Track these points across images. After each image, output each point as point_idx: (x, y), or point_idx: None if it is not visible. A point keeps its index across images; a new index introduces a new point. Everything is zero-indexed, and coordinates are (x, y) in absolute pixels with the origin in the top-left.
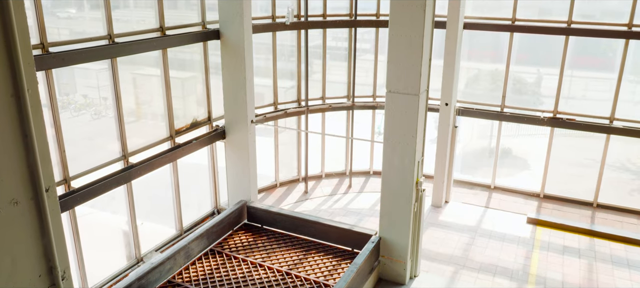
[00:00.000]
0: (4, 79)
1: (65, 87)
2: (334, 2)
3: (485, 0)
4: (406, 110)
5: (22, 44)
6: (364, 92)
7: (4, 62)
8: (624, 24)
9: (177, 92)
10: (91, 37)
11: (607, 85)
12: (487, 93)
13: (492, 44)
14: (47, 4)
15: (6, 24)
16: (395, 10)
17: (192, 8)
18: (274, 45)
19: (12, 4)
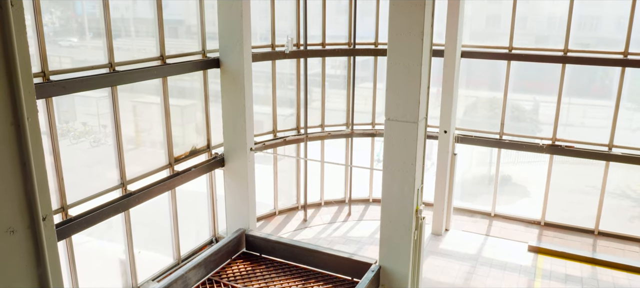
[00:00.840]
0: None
1: (65, 115)
2: (333, 31)
3: (482, 28)
4: (405, 137)
5: (23, 72)
6: (363, 120)
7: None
8: (619, 52)
9: (176, 120)
10: (92, 65)
11: (604, 112)
12: (486, 120)
13: (489, 72)
14: (49, 33)
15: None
16: (394, 39)
17: (192, 37)
18: (273, 73)
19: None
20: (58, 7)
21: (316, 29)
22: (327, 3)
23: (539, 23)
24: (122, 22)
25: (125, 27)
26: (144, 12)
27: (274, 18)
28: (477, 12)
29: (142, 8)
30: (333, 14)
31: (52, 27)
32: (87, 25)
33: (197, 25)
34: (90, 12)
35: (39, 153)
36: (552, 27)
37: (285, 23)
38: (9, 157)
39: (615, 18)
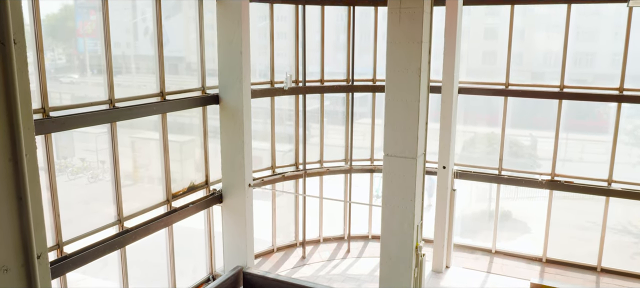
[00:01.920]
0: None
1: (63, 151)
2: (331, 67)
3: (479, 65)
4: (404, 173)
5: (23, 109)
6: (361, 156)
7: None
8: (615, 87)
9: (175, 156)
10: (92, 101)
11: (603, 147)
12: (484, 156)
13: (487, 108)
14: (51, 69)
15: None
16: (392, 75)
17: (192, 73)
18: (272, 109)
19: (17, 70)
20: (60, 45)
21: (315, 66)
22: (326, 40)
23: (534, 59)
24: (123, 59)
25: (126, 64)
26: (145, 49)
27: (273, 55)
28: (473, 49)
29: (143, 45)
30: (331, 50)
31: (53, 64)
32: (89, 62)
33: (197, 62)
34: (92, 49)
35: (36, 190)
36: (548, 64)
37: (284, 60)
38: (5, 194)
39: (610, 54)
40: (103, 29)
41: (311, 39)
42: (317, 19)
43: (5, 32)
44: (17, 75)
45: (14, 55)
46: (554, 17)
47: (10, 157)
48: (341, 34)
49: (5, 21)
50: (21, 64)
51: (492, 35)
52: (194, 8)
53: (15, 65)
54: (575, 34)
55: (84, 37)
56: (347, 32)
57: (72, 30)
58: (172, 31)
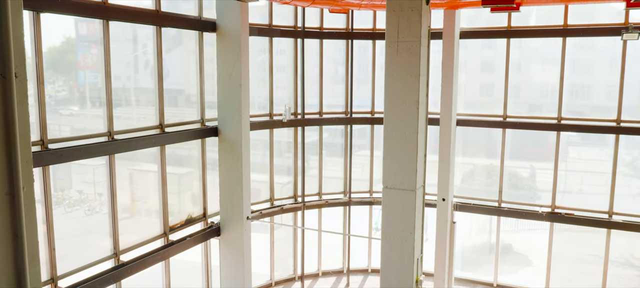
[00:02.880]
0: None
1: (61, 183)
2: (330, 99)
3: (476, 97)
4: (403, 206)
5: (22, 143)
6: (360, 188)
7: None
8: (612, 119)
9: (173, 188)
10: (91, 134)
11: (602, 179)
12: (484, 188)
13: (485, 140)
14: (50, 102)
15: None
16: (390, 107)
17: (192, 106)
18: (271, 141)
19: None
20: (61, 77)
21: (314, 98)
22: (324, 72)
23: (532, 91)
24: (123, 92)
25: (126, 96)
26: (145, 82)
27: (272, 87)
28: (470, 82)
29: (143, 78)
30: (330, 83)
31: (54, 96)
32: (89, 94)
33: (197, 94)
34: (92, 81)
35: (32, 224)
36: (545, 96)
37: (283, 92)
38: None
39: (606, 86)
40: (104, 62)
41: (310, 71)
42: (315, 52)
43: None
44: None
45: (15, 88)
46: (550, 50)
47: (7, 190)
48: (340, 66)
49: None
50: (21, 97)
51: (489, 68)
52: (194, 41)
53: (16, 98)
54: (571, 66)
55: (85, 70)
56: (345, 64)
57: (73, 63)
58: (172, 64)
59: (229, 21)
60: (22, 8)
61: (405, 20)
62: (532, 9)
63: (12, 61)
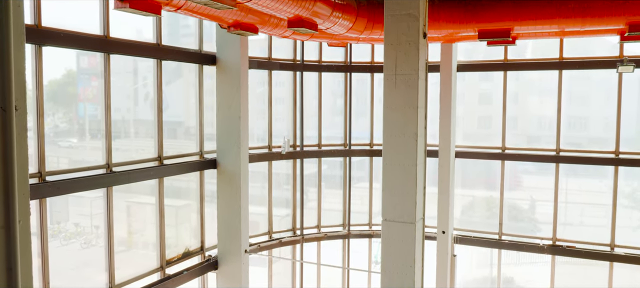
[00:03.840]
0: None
1: (57, 215)
2: (329, 131)
3: (475, 130)
4: (403, 238)
5: (20, 175)
6: (359, 220)
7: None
8: (610, 151)
9: (170, 221)
10: (89, 166)
11: (602, 210)
12: (484, 220)
13: (484, 172)
14: (49, 133)
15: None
16: (388, 139)
17: (191, 138)
18: (269, 174)
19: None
20: (61, 109)
21: (312, 130)
22: (323, 104)
23: (529, 123)
24: (122, 124)
25: (125, 128)
26: (144, 114)
27: (271, 119)
28: (468, 114)
29: (143, 110)
30: (329, 115)
31: (53, 128)
32: (88, 126)
33: (196, 126)
34: (92, 114)
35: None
36: (542, 127)
37: (282, 124)
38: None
39: (603, 118)
40: (104, 94)
41: (309, 103)
42: (314, 84)
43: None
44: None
45: (15, 121)
46: (546, 82)
47: (2, 224)
48: (338, 98)
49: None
50: (21, 130)
51: (486, 100)
52: (194, 74)
53: (15, 131)
54: (568, 98)
55: (85, 102)
56: (344, 97)
57: (74, 95)
58: (172, 96)
59: (229, 54)
60: (25, 42)
61: (403, 54)
62: (527, 42)
63: (12, 94)
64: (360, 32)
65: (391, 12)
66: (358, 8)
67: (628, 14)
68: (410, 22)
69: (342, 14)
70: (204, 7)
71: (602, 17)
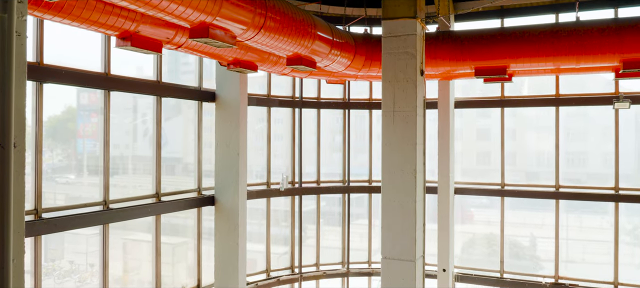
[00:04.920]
0: None
1: (52, 253)
2: (327, 168)
3: (473, 166)
4: (403, 276)
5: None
6: (359, 258)
7: None
8: (610, 187)
9: (166, 259)
10: (85, 203)
11: (604, 247)
12: (485, 257)
13: (484, 208)
14: (47, 170)
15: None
16: (387, 176)
17: (189, 174)
18: (268, 210)
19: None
20: (60, 145)
21: (311, 166)
22: (322, 141)
23: (528, 159)
24: (120, 160)
25: (123, 165)
26: (143, 150)
27: (270, 156)
28: (467, 150)
29: (141, 146)
30: (327, 151)
31: (51, 164)
32: (86, 162)
33: (194, 163)
34: (91, 150)
35: None
36: (541, 164)
37: (281, 160)
38: None
39: (601, 154)
40: (103, 131)
41: (307, 139)
42: (313, 121)
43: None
44: (14, 179)
45: (12, 159)
46: (544, 118)
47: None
48: (337, 135)
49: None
50: (18, 168)
51: (484, 136)
52: (193, 110)
53: (13, 168)
54: (565, 134)
55: (84, 138)
56: (342, 133)
57: (73, 132)
58: (171, 132)
59: (228, 91)
60: (26, 80)
61: (401, 91)
62: (524, 78)
63: (12, 132)
64: (358, 70)
65: (389, 50)
66: (356, 46)
67: (622, 52)
68: (408, 60)
69: (341, 52)
70: (204, 46)
71: (597, 54)
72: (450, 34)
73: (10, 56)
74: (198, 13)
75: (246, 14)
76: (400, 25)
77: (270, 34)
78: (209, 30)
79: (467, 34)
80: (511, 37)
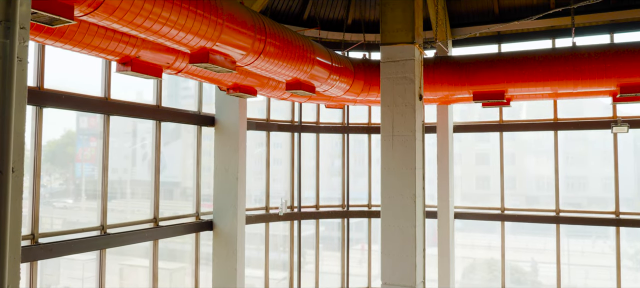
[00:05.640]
0: None
1: (48, 278)
2: (327, 192)
3: (473, 190)
4: None
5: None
6: (358, 284)
7: None
8: (611, 211)
9: (164, 284)
10: (83, 227)
11: (606, 273)
12: (486, 283)
13: (484, 233)
14: (45, 194)
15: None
16: (387, 201)
17: (187, 199)
18: (266, 235)
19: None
20: (58, 170)
21: (310, 191)
22: (321, 165)
23: (528, 183)
24: (118, 184)
25: (122, 189)
26: (141, 175)
27: (269, 180)
28: (466, 174)
29: (140, 170)
30: (326, 176)
31: (48, 188)
32: (84, 187)
33: (193, 187)
34: (89, 174)
35: None
36: (541, 188)
37: (280, 185)
38: None
39: (601, 178)
40: (102, 155)
41: (306, 164)
42: (312, 145)
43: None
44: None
45: (10, 184)
46: (543, 142)
47: None
48: (336, 159)
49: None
50: (16, 193)
51: (483, 160)
52: (193, 135)
53: (10, 193)
54: (564, 158)
55: (82, 163)
56: (342, 158)
57: (72, 156)
58: (170, 156)
59: (228, 116)
60: (26, 104)
61: (400, 115)
62: (522, 103)
63: (10, 156)
64: (357, 94)
65: (387, 75)
66: (355, 71)
67: (619, 76)
68: (406, 85)
69: (339, 76)
70: (204, 71)
71: (594, 79)
72: (449, 59)
73: (11, 81)
74: (198, 38)
75: (246, 40)
76: (399, 50)
77: (270, 59)
78: (209, 56)
79: (465, 59)
80: (509, 62)
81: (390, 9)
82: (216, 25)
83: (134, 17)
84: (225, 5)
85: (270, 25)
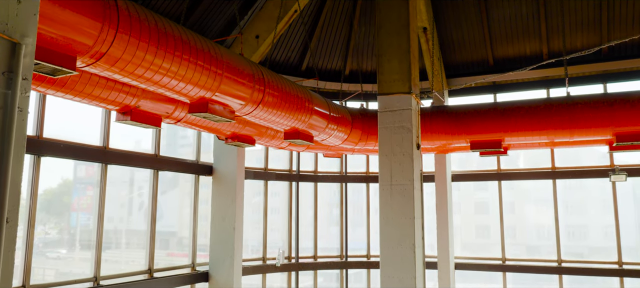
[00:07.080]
0: None
1: None
2: (325, 242)
3: (473, 239)
4: None
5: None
6: None
7: None
8: (613, 261)
9: None
10: (75, 279)
11: None
12: None
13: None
14: (39, 244)
15: None
16: (386, 252)
17: (183, 249)
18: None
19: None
20: (53, 219)
21: (308, 241)
22: (319, 214)
23: (528, 232)
24: (114, 234)
25: (117, 239)
26: (137, 224)
27: (266, 230)
28: (466, 223)
29: (136, 220)
30: (324, 225)
31: (43, 238)
32: (79, 236)
33: (189, 237)
34: (84, 223)
35: None
36: (541, 237)
37: (277, 234)
38: None
39: (602, 227)
40: (98, 204)
41: (304, 213)
42: (310, 194)
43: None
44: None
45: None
46: (542, 191)
47: None
48: (334, 208)
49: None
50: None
51: (483, 210)
52: (190, 183)
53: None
54: (564, 207)
55: (78, 212)
56: (340, 207)
57: (68, 205)
58: (167, 205)
59: (226, 165)
60: (24, 154)
61: (398, 164)
62: (520, 152)
63: (5, 207)
64: (355, 143)
65: (385, 125)
66: (352, 120)
67: (614, 125)
68: (404, 134)
69: (337, 126)
70: (203, 120)
71: (590, 128)
72: (445, 108)
73: (11, 131)
74: (198, 89)
75: (245, 90)
76: (396, 100)
77: (268, 109)
78: (208, 106)
79: (461, 109)
80: (505, 111)
81: (387, 60)
82: (216, 76)
83: (135, 68)
84: (225, 56)
85: (269, 75)
